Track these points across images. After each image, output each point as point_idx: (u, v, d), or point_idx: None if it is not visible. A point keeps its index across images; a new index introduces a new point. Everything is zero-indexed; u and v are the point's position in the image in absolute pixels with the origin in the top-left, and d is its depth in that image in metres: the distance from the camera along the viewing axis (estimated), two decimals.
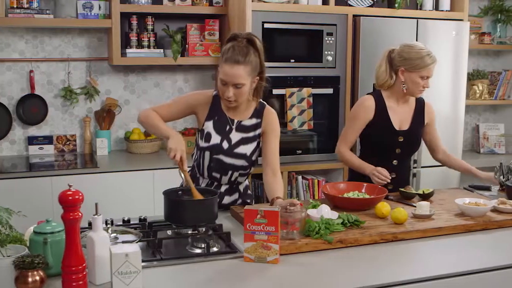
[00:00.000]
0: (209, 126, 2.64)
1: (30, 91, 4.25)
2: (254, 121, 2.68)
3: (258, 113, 2.69)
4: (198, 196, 2.42)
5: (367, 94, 3.17)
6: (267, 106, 2.74)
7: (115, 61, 4.11)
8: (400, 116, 3.09)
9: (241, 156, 2.65)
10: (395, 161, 3.09)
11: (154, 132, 2.68)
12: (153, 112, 2.65)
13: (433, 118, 3.22)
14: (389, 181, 2.90)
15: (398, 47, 3.07)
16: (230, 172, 2.68)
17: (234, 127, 2.66)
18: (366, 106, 3.07)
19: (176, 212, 2.32)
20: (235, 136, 2.66)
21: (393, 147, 3.07)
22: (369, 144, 3.14)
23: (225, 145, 2.64)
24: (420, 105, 3.17)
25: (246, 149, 2.66)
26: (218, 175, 2.69)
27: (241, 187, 2.80)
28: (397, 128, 3.06)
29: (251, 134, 2.68)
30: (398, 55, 3.04)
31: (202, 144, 2.66)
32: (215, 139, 2.63)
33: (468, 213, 2.55)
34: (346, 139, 3.13)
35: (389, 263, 2.07)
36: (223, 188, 2.73)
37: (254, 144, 2.68)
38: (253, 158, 2.70)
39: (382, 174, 2.89)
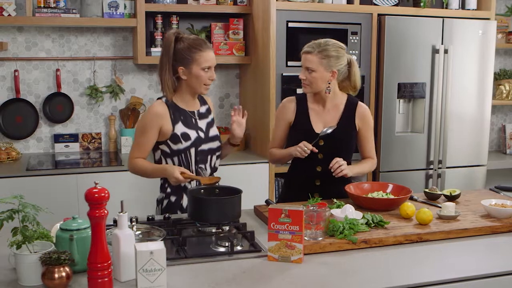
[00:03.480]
0: (180, 128, 2.71)
1: (57, 89, 4.30)
2: (204, 107, 2.86)
3: (202, 100, 2.88)
4: (208, 180, 2.61)
5: (291, 96, 3.06)
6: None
7: (140, 60, 4.14)
8: (324, 119, 2.92)
9: (215, 137, 2.83)
10: (319, 167, 2.90)
11: (147, 177, 2.78)
12: (135, 161, 2.73)
13: (367, 122, 2.96)
14: (309, 152, 2.77)
15: None
16: (209, 157, 2.80)
17: (197, 117, 2.79)
18: (286, 108, 2.99)
19: (200, 210, 2.33)
20: (202, 124, 2.80)
21: (315, 153, 2.85)
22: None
23: (201, 134, 2.77)
24: (351, 107, 2.94)
25: (214, 130, 2.85)
26: (203, 166, 2.77)
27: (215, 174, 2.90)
28: (319, 131, 2.88)
29: (210, 119, 2.85)
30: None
31: (183, 145, 2.70)
32: (192, 134, 2.73)
33: (494, 215, 2.52)
34: (274, 140, 3.06)
35: (413, 264, 2.06)
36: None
37: (215, 126, 2.88)
38: (220, 138, 2.89)
39: (304, 145, 2.77)
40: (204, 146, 2.76)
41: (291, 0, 4.10)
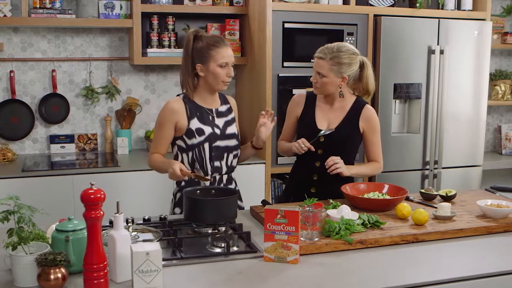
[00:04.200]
0: (195, 123, 2.75)
1: (52, 90, 4.29)
2: (225, 106, 2.89)
3: (224, 99, 2.91)
4: (204, 177, 2.65)
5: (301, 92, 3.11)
6: (226, 94, 2.96)
7: (136, 61, 4.14)
8: (328, 117, 2.95)
9: (232, 135, 2.84)
10: (317, 162, 2.92)
11: (160, 171, 2.81)
12: (152, 156, 2.81)
13: (372, 126, 2.96)
14: (306, 149, 2.82)
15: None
16: (225, 155, 2.81)
17: (214, 115, 2.82)
18: (295, 102, 3.05)
19: (196, 211, 2.33)
20: (220, 122, 2.82)
21: (315, 147, 2.87)
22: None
23: (217, 131, 2.79)
24: (356, 109, 2.95)
25: (233, 129, 2.86)
26: (218, 164, 2.79)
27: (234, 175, 2.91)
28: (321, 128, 2.93)
29: (229, 117, 2.87)
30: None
31: (197, 140, 2.74)
32: (207, 129, 2.76)
33: (489, 215, 2.52)
34: (283, 134, 3.12)
35: (409, 265, 2.06)
36: (224, 179, 2.83)
37: (235, 125, 2.89)
38: (239, 137, 2.91)
39: (302, 143, 2.82)
40: (220, 143, 2.78)
41: (287, 1, 4.10)
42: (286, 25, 4.08)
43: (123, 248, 1.84)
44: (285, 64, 4.11)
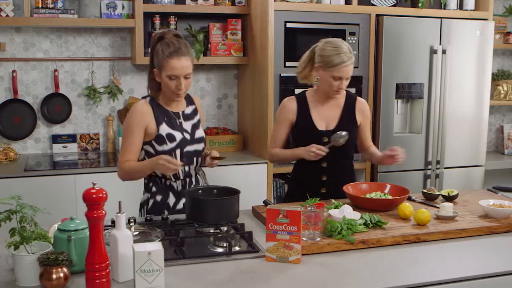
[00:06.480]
0: (164, 129, 2.66)
1: (55, 90, 4.29)
2: (191, 108, 2.81)
3: (189, 100, 2.83)
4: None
5: (291, 96, 3.05)
6: (190, 93, 2.86)
7: (138, 61, 4.13)
8: (325, 116, 2.94)
9: (200, 139, 2.78)
10: (324, 163, 2.91)
11: (139, 176, 2.72)
12: (124, 165, 2.65)
13: (366, 115, 3.03)
14: (325, 153, 2.80)
15: (321, 42, 2.91)
16: (195, 159, 2.77)
17: (182, 119, 2.74)
18: (287, 108, 2.97)
19: (198, 210, 2.33)
20: (187, 126, 2.75)
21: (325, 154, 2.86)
22: (297, 147, 2.95)
23: (187, 136, 2.72)
24: (350, 102, 2.99)
25: (200, 132, 2.80)
26: (188, 168, 2.74)
27: (200, 174, 2.87)
28: (322, 128, 2.91)
29: (195, 120, 2.80)
30: (317, 50, 2.88)
31: (168, 146, 2.65)
32: (177, 135, 2.69)
33: (492, 215, 2.52)
34: (275, 141, 3.01)
35: (411, 265, 2.06)
36: (193, 181, 2.80)
37: (201, 127, 2.82)
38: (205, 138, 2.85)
39: (317, 149, 2.78)
40: (190, 148, 2.72)
41: (289, 1, 4.10)
42: (288, 25, 4.08)
43: (125, 247, 1.84)
44: (287, 64, 4.10)
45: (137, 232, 2.14)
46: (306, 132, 2.93)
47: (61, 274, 1.75)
